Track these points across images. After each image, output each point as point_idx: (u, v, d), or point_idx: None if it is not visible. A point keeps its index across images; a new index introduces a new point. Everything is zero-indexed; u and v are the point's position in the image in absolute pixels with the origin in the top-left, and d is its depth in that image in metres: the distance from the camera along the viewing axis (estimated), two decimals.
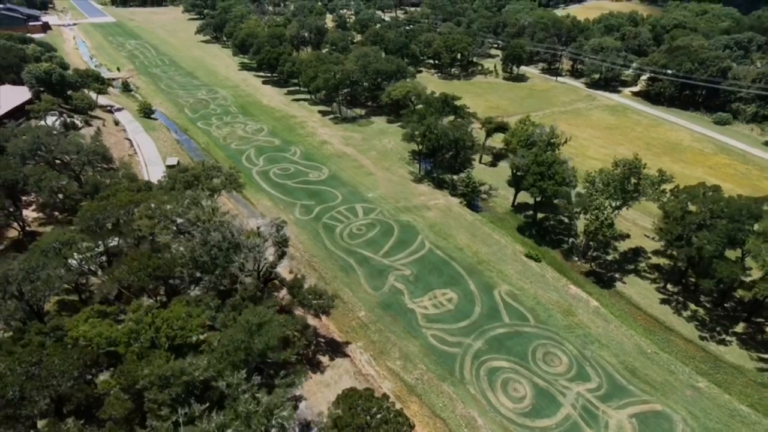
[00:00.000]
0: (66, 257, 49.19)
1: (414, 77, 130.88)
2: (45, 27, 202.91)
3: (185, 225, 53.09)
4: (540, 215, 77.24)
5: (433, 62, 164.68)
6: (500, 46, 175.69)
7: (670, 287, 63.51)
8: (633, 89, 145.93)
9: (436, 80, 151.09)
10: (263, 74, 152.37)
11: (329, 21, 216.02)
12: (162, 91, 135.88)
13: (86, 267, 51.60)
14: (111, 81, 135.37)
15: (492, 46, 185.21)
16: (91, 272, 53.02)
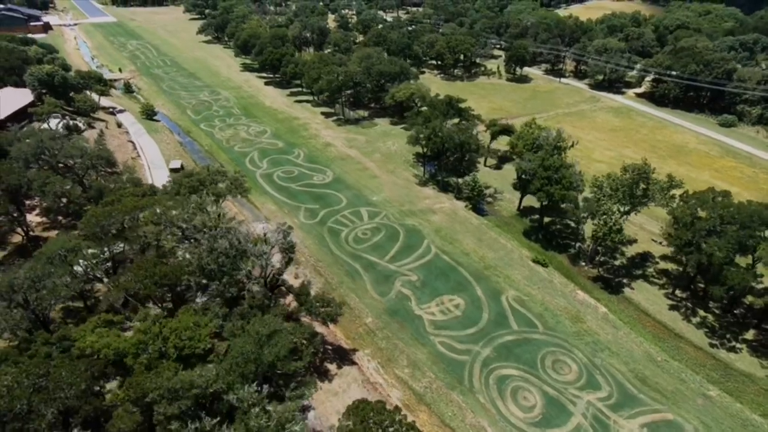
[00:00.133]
0: (71, 264, 48.75)
1: (417, 78, 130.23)
2: (46, 27, 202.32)
3: (191, 231, 52.67)
4: (546, 219, 76.68)
5: (436, 63, 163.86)
6: (503, 47, 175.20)
7: (679, 293, 63.01)
8: (637, 90, 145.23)
9: (439, 81, 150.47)
10: (265, 75, 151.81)
11: (331, 21, 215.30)
12: (164, 93, 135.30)
13: (92, 274, 51.21)
14: (113, 82, 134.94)
15: (495, 47, 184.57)
16: (97, 279, 52.66)
